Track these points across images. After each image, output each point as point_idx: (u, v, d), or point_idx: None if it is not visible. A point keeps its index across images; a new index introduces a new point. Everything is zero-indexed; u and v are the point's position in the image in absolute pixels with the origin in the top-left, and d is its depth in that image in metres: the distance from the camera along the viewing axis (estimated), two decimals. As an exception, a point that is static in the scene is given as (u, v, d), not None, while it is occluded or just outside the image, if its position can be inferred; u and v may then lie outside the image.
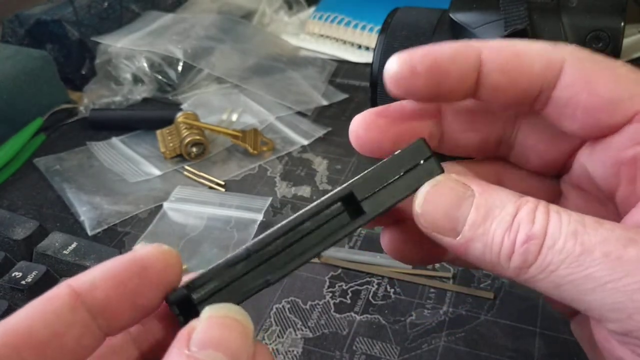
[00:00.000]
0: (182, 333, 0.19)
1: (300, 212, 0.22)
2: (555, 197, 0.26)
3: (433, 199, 0.21)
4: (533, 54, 0.22)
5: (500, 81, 0.22)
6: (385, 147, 0.24)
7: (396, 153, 0.23)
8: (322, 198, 0.22)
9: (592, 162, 0.23)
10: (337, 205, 0.22)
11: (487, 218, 0.20)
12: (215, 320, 0.19)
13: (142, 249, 0.21)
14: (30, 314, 0.18)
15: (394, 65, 0.23)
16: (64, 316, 0.18)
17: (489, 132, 0.26)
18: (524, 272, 0.20)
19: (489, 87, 0.23)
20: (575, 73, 0.22)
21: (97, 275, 0.20)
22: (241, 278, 0.21)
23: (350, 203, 0.22)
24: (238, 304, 0.21)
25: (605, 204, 0.24)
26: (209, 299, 0.21)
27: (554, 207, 0.20)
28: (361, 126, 0.25)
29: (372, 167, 0.23)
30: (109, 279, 0.20)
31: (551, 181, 0.26)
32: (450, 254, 0.26)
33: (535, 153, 0.25)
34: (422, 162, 0.22)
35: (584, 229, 0.19)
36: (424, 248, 0.26)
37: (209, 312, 0.19)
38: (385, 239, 0.27)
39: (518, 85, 0.22)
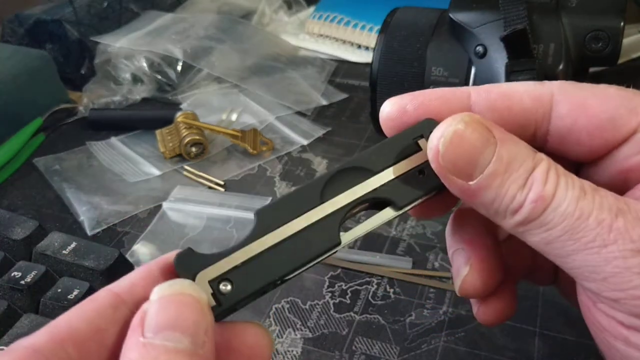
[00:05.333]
0: (135, 320, 0.18)
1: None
2: None
3: (458, 140, 0.21)
4: (521, 92, 0.23)
5: (492, 120, 0.23)
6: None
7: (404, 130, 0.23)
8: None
9: (597, 174, 0.24)
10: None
11: (506, 171, 0.21)
12: (167, 300, 0.19)
13: (169, 254, 0.21)
14: (73, 313, 0.19)
15: (385, 108, 0.24)
16: (105, 313, 0.19)
17: None
18: (522, 226, 0.21)
19: None
20: (568, 102, 0.23)
21: (134, 277, 0.20)
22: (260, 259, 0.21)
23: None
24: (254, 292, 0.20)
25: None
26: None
27: (562, 170, 0.21)
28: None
29: (380, 144, 0.23)
30: (145, 278, 0.20)
31: None
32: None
33: None
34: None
35: (584, 194, 0.20)
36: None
37: (158, 293, 0.19)
38: None
39: (510, 122, 0.23)
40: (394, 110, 0.24)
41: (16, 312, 0.33)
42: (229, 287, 0.20)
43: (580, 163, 0.25)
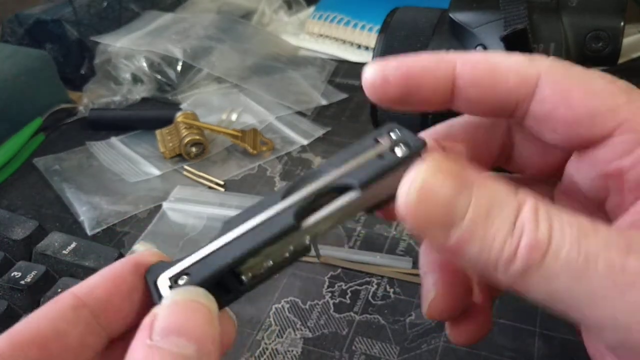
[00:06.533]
0: (145, 322, 0.18)
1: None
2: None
3: (427, 194, 0.19)
4: (507, 69, 0.22)
5: (474, 95, 0.22)
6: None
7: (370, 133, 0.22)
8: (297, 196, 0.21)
9: (579, 173, 0.23)
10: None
11: (487, 217, 0.18)
12: (178, 305, 0.19)
13: (133, 254, 0.22)
14: (35, 316, 0.19)
15: (368, 73, 0.23)
16: (67, 315, 0.19)
17: (489, 146, 0.26)
18: (521, 279, 0.18)
19: (463, 100, 0.23)
20: (551, 87, 0.21)
21: (95, 279, 0.21)
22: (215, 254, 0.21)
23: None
24: (209, 281, 0.20)
25: (595, 212, 0.23)
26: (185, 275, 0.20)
27: (553, 207, 0.19)
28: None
29: (347, 149, 0.22)
30: (107, 279, 0.21)
31: (545, 186, 0.26)
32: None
33: (530, 163, 0.26)
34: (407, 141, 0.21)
35: (586, 234, 0.18)
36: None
37: (172, 297, 0.19)
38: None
39: (492, 99, 0.22)
40: (377, 78, 0.22)
41: (16, 312, 0.33)
42: (185, 278, 0.20)
43: (567, 158, 0.24)
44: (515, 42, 0.36)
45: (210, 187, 0.50)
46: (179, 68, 0.63)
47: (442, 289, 0.25)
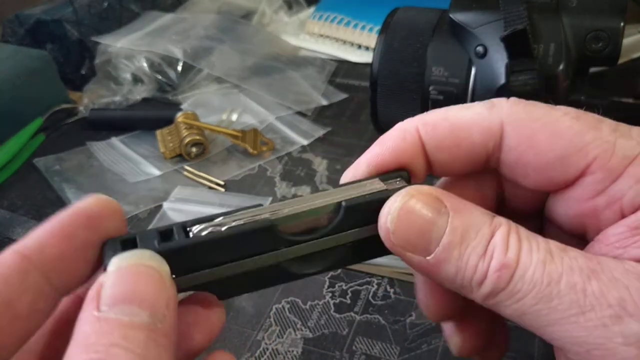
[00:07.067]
0: (91, 292, 0.17)
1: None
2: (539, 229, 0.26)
3: (406, 216, 0.20)
4: (468, 124, 0.22)
5: (443, 158, 0.22)
6: None
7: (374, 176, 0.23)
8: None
9: (557, 212, 0.23)
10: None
11: (462, 241, 0.20)
12: (125, 271, 0.18)
13: (81, 201, 0.20)
14: None
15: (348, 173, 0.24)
16: (13, 282, 0.17)
17: (484, 196, 0.26)
18: (491, 298, 0.20)
19: (437, 165, 0.23)
20: (516, 135, 0.21)
21: (43, 234, 0.19)
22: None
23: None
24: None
25: (579, 238, 0.24)
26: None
27: (524, 232, 0.20)
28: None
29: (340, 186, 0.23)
30: (57, 235, 0.19)
31: (536, 220, 0.26)
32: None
33: (519, 203, 0.26)
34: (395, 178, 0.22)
35: (552, 257, 0.19)
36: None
37: (117, 264, 0.18)
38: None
39: (461, 157, 0.22)
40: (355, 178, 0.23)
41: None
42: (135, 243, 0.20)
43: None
44: (516, 42, 0.36)
45: (210, 188, 0.50)
46: (179, 68, 0.64)
47: (463, 334, 0.26)
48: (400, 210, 0.20)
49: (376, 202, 0.21)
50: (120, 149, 0.55)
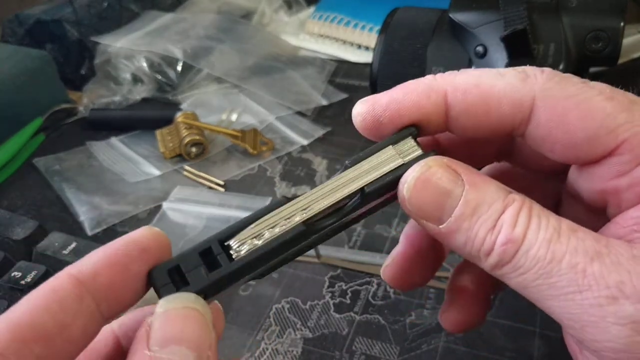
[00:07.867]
0: (141, 332, 0.18)
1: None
2: (555, 200, 0.26)
3: (422, 185, 0.21)
4: (500, 94, 0.22)
5: (468, 123, 0.22)
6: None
7: (385, 140, 0.23)
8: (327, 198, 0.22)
9: (579, 184, 0.23)
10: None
11: (474, 214, 0.21)
12: (172, 313, 0.19)
13: (135, 232, 0.21)
14: (34, 306, 0.18)
15: (358, 113, 0.24)
16: (70, 306, 0.18)
17: (484, 149, 0.26)
18: (497, 269, 0.21)
19: (458, 128, 0.23)
20: (547, 112, 0.21)
21: (98, 262, 0.19)
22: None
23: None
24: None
25: (598, 214, 0.24)
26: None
27: (536, 210, 0.20)
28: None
29: (361, 157, 0.23)
30: (111, 265, 0.19)
31: (554, 182, 0.26)
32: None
33: (532, 162, 0.26)
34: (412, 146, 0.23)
35: (558, 236, 0.20)
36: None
37: (164, 306, 0.19)
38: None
39: (487, 126, 0.22)
40: (367, 118, 0.24)
41: (16, 312, 0.33)
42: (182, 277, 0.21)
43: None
44: (515, 42, 0.36)
45: (210, 187, 0.50)
46: (179, 68, 0.64)
47: (399, 259, 0.27)
48: (418, 179, 0.21)
49: (397, 179, 0.22)
50: (120, 148, 0.55)
